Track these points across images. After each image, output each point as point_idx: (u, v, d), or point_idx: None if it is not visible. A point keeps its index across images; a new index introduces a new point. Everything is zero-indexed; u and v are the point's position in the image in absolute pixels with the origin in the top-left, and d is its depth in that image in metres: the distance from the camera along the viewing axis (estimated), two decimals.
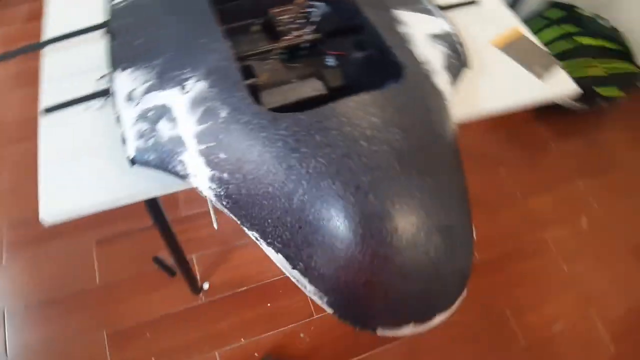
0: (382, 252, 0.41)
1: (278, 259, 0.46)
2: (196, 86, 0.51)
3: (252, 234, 0.48)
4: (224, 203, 0.49)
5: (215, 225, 0.54)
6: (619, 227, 1.81)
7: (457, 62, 0.63)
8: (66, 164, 0.59)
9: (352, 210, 0.41)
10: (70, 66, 0.68)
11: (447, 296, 0.45)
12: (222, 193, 0.48)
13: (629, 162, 1.98)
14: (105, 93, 0.63)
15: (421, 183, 0.43)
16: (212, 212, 0.49)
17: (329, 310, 0.45)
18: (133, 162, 0.53)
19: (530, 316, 1.52)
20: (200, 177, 0.50)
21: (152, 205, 0.77)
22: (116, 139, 0.58)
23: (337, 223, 0.41)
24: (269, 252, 0.47)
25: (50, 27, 0.72)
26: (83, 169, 0.59)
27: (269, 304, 1.36)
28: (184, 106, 0.51)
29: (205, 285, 1.34)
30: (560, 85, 0.81)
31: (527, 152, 1.91)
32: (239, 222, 0.49)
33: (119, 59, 0.58)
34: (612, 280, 1.68)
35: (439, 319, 0.45)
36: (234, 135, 0.47)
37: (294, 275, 0.46)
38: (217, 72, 0.50)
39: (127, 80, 0.56)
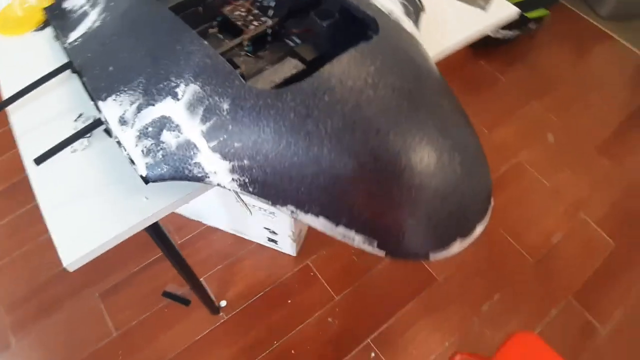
0: (417, 182, 0.44)
1: (320, 222, 0.48)
2: (188, 90, 0.52)
3: (287, 209, 0.49)
4: (251, 189, 0.50)
5: (250, 212, 0.55)
6: (581, 132, 1.93)
7: (414, 8, 0.66)
8: (71, 207, 0.59)
9: (380, 152, 0.44)
10: (41, 116, 0.67)
11: (481, 206, 0.48)
12: (246, 180, 0.50)
13: (569, 75, 2.11)
14: (87, 131, 0.62)
15: (431, 114, 0.46)
16: (241, 202, 0.50)
17: (381, 254, 0.48)
18: (146, 180, 0.54)
19: (530, 235, 1.60)
20: (221, 173, 0.51)
21: (158, 234, 0.76)
22: (116, 169, 0.59)
23: (369, 167, 0.44)
24: (308, 219, 0.49)
25: (6, 87, 0.71)
26: (91, 207, 0.59)
27: (289, 301, 1.37)
28: (182, 112, 0.52)
29: (223, 303, 1.33)
30: (503, 12, 0.88)
31: (478, 89, 2.00)
32: (270, 203, 0.50)
33: (97, 91, 0.58)
34: (590, 181, 1.79)
35: (479, 229, 0.49)
36: (243, 122, 0.48)
37: (339, 232, 0.48)
38: (205, 70, 0.52)
39: (113, 107, 0.56)
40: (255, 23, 0.69)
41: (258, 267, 1.44)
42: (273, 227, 1.33)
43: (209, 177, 0.52)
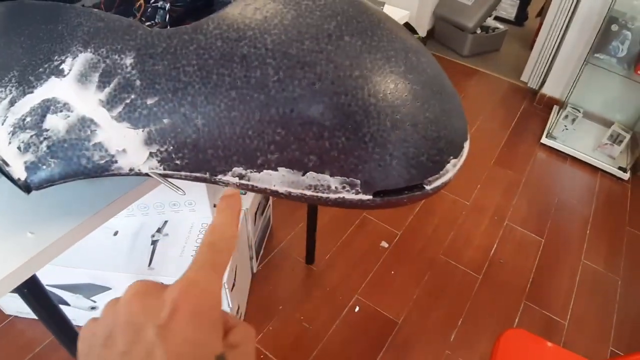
0: (401, 97, 0.36)
1: (280, 177, 0.37)
2: (77, 62, 0.40)
3: (234, 174, 0.37)
4: (179, 160, 0.38)
5: (183, 192, 0.41)
6: (480, 153, 2.04)
7: None
8: None
9: (340, 60, 0.35)
10: None
11: (463, 122, 0.41)
12: (170, 148, 0.37)
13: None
14: None
15: (387, 22, 0.40)
16: (168, 184, 0.37)
17: (365, 197, 0.37)
18: (28, 187, 0.39)
19: (468, 253, 1.58)
20: (132, 150, 0.38)
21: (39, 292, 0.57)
22: None
23: (335, 81, 0.35)
24: (265, 178, 0.37)
25: None
26: None
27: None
28: (70, 87, 0.39)
29: None
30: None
31: None
32: (208, 174, 0.38)
33: None
34: (500, 191, 1.86)
35: (466, 147, 0.41)
36: (156, 70, 0.37)
37: (308, 182, 0.37)
38: (97, 33, 0.40)
39: None
40: (147, 24, 0.59)
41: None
42: None
43: (116, 161, 0.38)
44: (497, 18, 3.15)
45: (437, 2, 2.76)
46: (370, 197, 0.38)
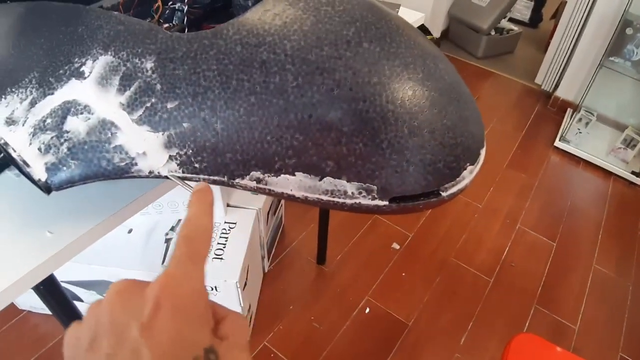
0: (419, 104, 0.36)
1: (297, 182, 0.37)
2: (97, 64, 0.40)
3: (252, 178, 0.38)
4: (198, 165, 0.38)
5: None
6: (493, 155, 2.03)
7: None
8: None
9: (360, 66, 0.35)
10: None
11: (480, 129, 0.41)
12: (190, 152, 0.38)
13: None
14: None
15: (409, 29, 0.40)
16: (185, 185, 0.38)
17: (382, 203, 0.38)
18: (49, 188, 0.39)
19: (479, 256, 1.57)
20: (152, 152, 0.38)
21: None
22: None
23: (353, 87, 0.35)
24: (282, 182, 0.37)
25: None
26: None
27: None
28: (91, 89, 0.40)
29: None
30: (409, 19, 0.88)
31: None
32: (226, 177, 0.39)
33: None
34: (513, 194, 1.85)
35: (482, 153, 0.41)
36: (176, 75, 0.38)
37: (325, 187, 0.37)
38: (118, 37, 0.41)
39: None
40: (165, 26, 0.60)
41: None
42: None
43: (136, 163, 0.39)
44: (511, 20, 3.12)
45: (452, 3, 2.74)
46: (387, 202, 0.38)
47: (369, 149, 0.36)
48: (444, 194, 0.39)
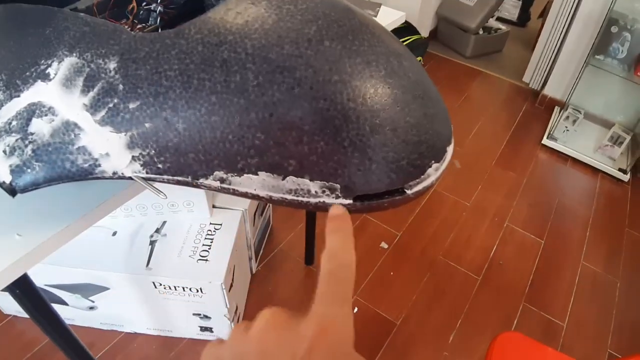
0: (380, 102, 0.36)
1: (260, 181, 0.37)
2: (62, 66, 0.40)
3: (215, 179, 0.38)
4: (161, 164, 0.38)
5: (165, 195, 0.42)
6: (480, 153, 2.04)
7: None
8: None
9: (320, 64, 0.35)
10: None
11: (446, 127, 0.41)
12: (152, 152, 0.38)
13: (459, 110, 2.30)
14: None
15: (369, 25, 0.40)
16: (150, 187, 0.37)
17: (346, 202, 0.37)
18: (13, 191, 0.39)
19: (468, 255, 1.58)
20: (115, 153, 0.38)
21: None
22: None
23: (314, 85, 0.35)
24: (245, 182, 0.37)
25: None
26: None
27: None
28: (55, 91, 0.40)
29: None
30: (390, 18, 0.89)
31: None
32: (190, 178, 0.38)
33: None
34: (501, 193, 1.86)
35: (450, 150, 0.41)
36: (138, 75, 0.37)
37: (288, 186, 0.37)
38: (83, 38, 0.41)
39: None
40: (139, 26, 0.60)
41: None
42: (203, 310, 1.14)
43: (99, 164, 0.39)
44: (499, 19, 3.14)
45: (440, 3, 2.75)
46: (351, 201, 0.38)
47: (330, 147, 0.36)
48: (408, 191, 0.39)
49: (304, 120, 0.35)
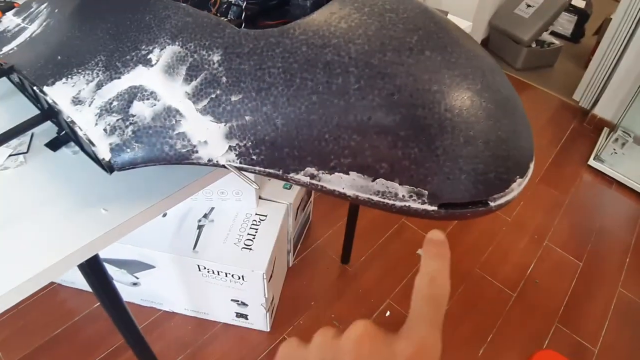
0: (477, 113, 0.37)
1: (349, 181, 0.38)
2: (164, 53, 0.42)
3: (305, 174, 0.39)
4: (255, 157, 0.40)
5: (257, 185, 0.44)
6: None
7: None
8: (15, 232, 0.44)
9: (420, 74, 0.36)
10: None
11: (531, 144, 0.42)
12: (249, 144, 0.39)
13: None
14: (26, 129, 0.49)
15: (465, 39, 0.41)
16: (242, 176, 0.39)
17: (430, 208, 0.38)
18: (111, 167, 0.42)
19: (504, 270, 1.56)
20: (213, 142, 0.40)
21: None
22: (63, 185, 0.47)
23: (413, 93, 0.36)
24: (335, 180, 0.39)
25: None
26: (29, 231, 0.45)
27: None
28: (158, 77, 0.42)
29: None
30: None
31: None
32: (281, 172, 0.40)
33: (42, 78, 0.46)
34: (543, 210, 1.82)
35: (531, 167, 0.42)
36: (242, 69, 0.39)
37: (377, 188, 0.38)
38: (186, 28, 0.43)
39: (64, 89, 0.45)
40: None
41: (226, 353, 1.24)
42: (242, 297, 1.17)
43: (196, 150, 0.41)
44: (553, 33, 3.07)
45: (494, 13, 2.71)
46: (436, 208, 0.39)
47: (424, 154, 0.37)
48: (492, 204, 0.39)
49: (400, 126, 0.36)
